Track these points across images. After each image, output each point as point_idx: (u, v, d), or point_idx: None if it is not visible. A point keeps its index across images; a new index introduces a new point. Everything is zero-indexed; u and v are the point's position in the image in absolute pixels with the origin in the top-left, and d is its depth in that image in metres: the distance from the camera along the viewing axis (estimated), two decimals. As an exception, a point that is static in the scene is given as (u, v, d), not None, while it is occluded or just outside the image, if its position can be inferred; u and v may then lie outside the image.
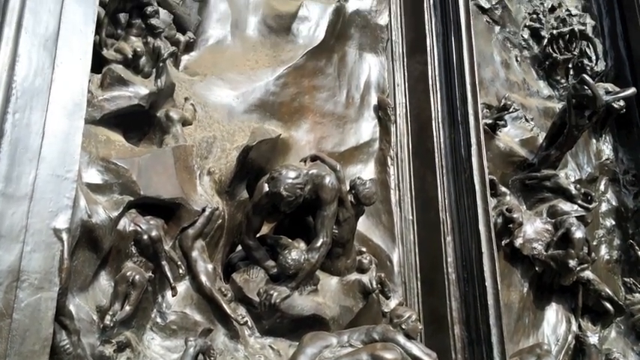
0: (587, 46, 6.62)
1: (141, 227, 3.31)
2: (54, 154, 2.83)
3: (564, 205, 5.45)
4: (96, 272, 3.18)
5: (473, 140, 4.56)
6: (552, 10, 6.81)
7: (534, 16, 6.64)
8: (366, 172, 4.83)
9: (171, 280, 3.39)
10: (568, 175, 5.81)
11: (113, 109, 3.50)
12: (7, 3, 2.77)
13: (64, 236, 2.75)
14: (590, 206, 5.55)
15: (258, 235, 3.87)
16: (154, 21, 3.67)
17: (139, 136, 3.79)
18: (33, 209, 2.70)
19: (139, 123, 3.75)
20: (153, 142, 3.80)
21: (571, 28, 6.54)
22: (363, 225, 4.41)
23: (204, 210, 3.62)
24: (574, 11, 6.86)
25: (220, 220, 3.76)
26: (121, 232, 3.26)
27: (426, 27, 5.13)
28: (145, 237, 3.30)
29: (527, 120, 5.96)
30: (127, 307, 3.16)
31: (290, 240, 3.87)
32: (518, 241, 5.14)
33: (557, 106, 6.23)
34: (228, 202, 3.90)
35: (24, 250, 2.65)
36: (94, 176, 3.26)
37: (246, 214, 3.82)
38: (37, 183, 2.75)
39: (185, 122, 3.94)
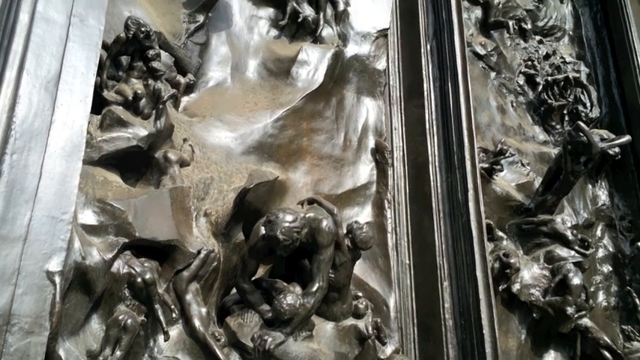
0: (582, 92, 6.72)
1: (135, 270, 3.28)
2: (50, 196, 2.82)
3: (561, 251, 5.43)
4: (87, 315, 3.13)
5: (470, 185, 4.57)
6: (547, 57, 6.94)
7: (529, 62, 6.76)
8: (363, 215, 4.83)
9: (164, 325, 3.34)
10: (564, 220, 5.80)
11: (112, 150, 3.51)
12: (10, 45, 2.81)
13: (57, 279, 2.72)
14: (587, 252, 5.53)
15: (253, 279, 3.82)
16: (155, 64, 3.72)
17: (136, 176, 3.79)
18: (27, 251, 2.68)
19: (137, 164, 3.75)
20: (150, 182, 3.79)
21: (566, 75, 6.65)
22: (359, 268, 4.37)
23: (199, 252, 3.59)
24: (568, 59, 7.00)
25: (215, 263, 3.72)
26: (114, 275, 3.22)
27: (423, 72, 5.20)
28: (139, 280, 3.26)
29: (523, 165, 5.98)
30: (118, 352, 3.10)
31: (285, 284, 3.81)
32: (516, 287, 5.09)
33: (553, 151, 6.28)
34: (223, 244, 3.87)
35: (15, 293, 2.61)
36: (89, 217, 3.24)
37: (241, 256, 3.78)
38: (32, 225, 2.73)
39: (183, 163, 3.95)
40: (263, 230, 3.60)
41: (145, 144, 3.66)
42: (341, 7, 5.27)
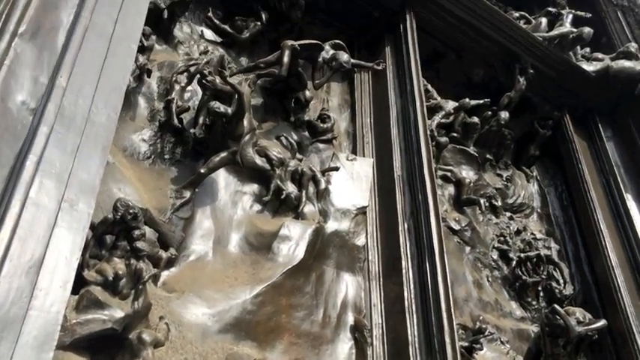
0: (555, 269, 6.89)
1: None
2: (13, 394, 2.65)
3: None
4: None
5: (452, 372, 4.46)
6: (518, 232, 7.20)
7: (502, 238, 6.99)
8: (341, 399, 4.62)
9: None
10: (548, 405, 5.62)
11: (85, 333, 3.38)
12: (-2, 234, 2.81)
13: None
14: None
15: None
16: (139, 244, 3.74)
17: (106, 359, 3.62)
18: None
19: (109, 346, 3.60)
20: (121, 366, 3.62)
21: (537, 252, 6.86)
22: None
23: None
24: (539, 235, 7.27)
25: None
26: None
27: (401, 250, 5.31)
28: None
29: (502, 342, 5.92)
30: None
31: None
32: None
33: (531, 327, 6.27)
34: None
35: None
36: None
37: None
38: None
39: (157, 344, 3.80)
40: None
41: (120, 326, 3.54)
42: (322, 185, 5.51)
